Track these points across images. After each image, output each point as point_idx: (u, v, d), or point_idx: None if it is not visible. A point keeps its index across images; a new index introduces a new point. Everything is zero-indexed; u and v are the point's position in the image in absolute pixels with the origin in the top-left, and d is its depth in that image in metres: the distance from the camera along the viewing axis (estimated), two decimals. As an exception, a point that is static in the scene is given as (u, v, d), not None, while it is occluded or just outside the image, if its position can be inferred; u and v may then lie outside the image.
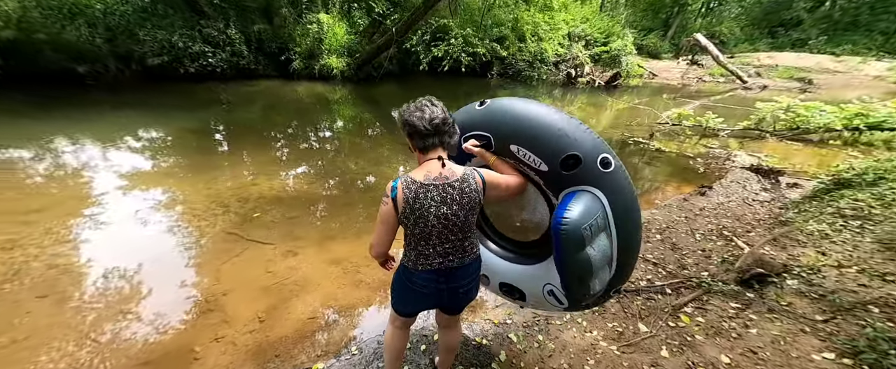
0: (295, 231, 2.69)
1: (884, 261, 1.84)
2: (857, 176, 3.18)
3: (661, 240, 2.80)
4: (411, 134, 1.03)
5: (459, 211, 1.02)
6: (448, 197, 1.01)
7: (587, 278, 0.99)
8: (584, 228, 0.92)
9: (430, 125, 0.98)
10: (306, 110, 6.95)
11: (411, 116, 1.01)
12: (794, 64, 15.23)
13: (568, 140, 0.99)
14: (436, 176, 1.01)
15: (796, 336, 1.52)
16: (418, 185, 1.00)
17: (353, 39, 9.17)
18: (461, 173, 1.03)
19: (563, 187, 1.03)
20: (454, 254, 1.10)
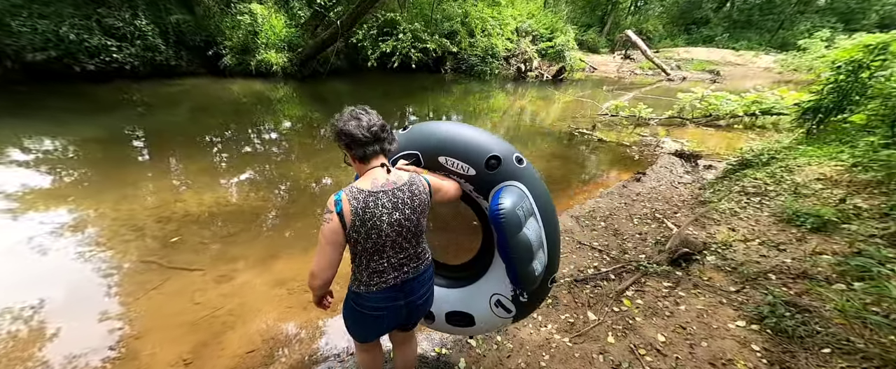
0: (230, 251, 2.40)
1: (778, 233, 2.16)
2: (755, 156, 3.71)
3: (606, 227, 3.02)
4: (349, 144, 0.96)
5: (412, 214, 1.01)
6: (399, 201, 0.98)
7: (530, 257, 1.08)
8: (518, 210, 1.04)
9: (368, 132, 0.94)
10: (244, 111, 6.28)
11: (347, 125, 0.95)
12: (705, 57, 17.46)
13: (487, 145, 1.13)
14: (383, 183, 0.97)
15: (716, 308, 1.71)
16: (367, 194, 0.94)
17: (293, 33, 8.47)
18: (407, 177, 1.02)
19: (491, 185, 1.13)
20: (409, 263, 1.07)
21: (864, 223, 1.95)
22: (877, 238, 1.77)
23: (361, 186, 0.96)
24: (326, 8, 8.64)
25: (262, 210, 3.03)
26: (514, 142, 4.92)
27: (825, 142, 3.44)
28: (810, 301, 1.55)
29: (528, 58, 12.55)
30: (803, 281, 1.70)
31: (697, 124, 6.82)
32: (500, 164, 1.10)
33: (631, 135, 6.24)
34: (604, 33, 20.47)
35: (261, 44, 7.78)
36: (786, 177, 2.89)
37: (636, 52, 16.22)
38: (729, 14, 22.94)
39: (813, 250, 1.87)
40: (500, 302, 1.25)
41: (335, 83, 9.01)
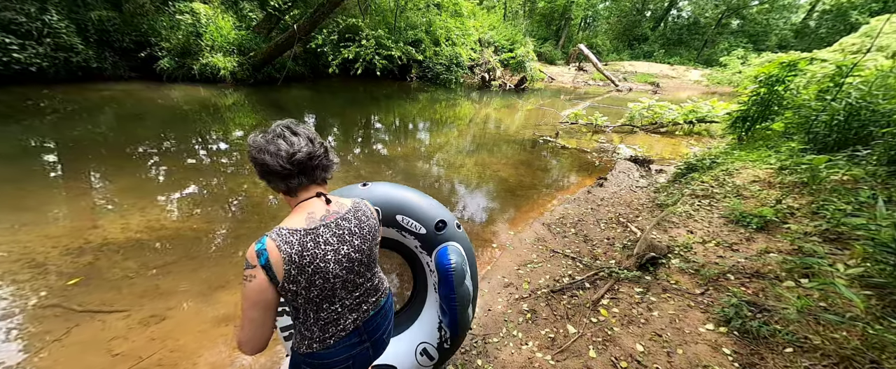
0: (162, 285, 2.03)
1: (729, 233, 2.32)
2: (699, 161, 4.06)
3: (576, 233, 3.07)
4: (264, 176, 0.79)
5: (363, 244, 0.88)
6: (345, 232, 0.85)
7: (469, 306, 1.26)
8: (462, 265, 1.23)
9: (289, 163, 0.76)
10: (185, 119, 5.62)
11: (261, 154, 0.76)
12: (646, 71, 19.34)
13: (437, 211, 1.33)
14: (323, 215, 0.82)
15: (686, 312, 1.76)
16: (302, 234, 0.77)
17: (244, 36, 7.86)
18: (350, 204, 0.90)
19: (435, 244, 1.30)
20: (367, 299, 0.92)
21: (799, 222, 2.16)
22: (812, 236, 1.96)
23: (294, 225, 0.78)
24: (281, 11, 8.15)
25: (206, 233, 2.65)
26: (482, 150, 4.91)
27: (755, 148, 3.86)
28: (767, 299, 1.65)
29: (491, 67, 12.92)
30: (758, 280, 1.81)
31: (646, 131, 7.42)
32: (445, 227, 1.30)
33: (590, 141, 6.59)
34: (559, 46, 21.84)
35: (205, 46, 7.10)
36: (727, 181, 3.17)
37: (588, 64, 17.49)
38: (664, 32, 25.73)
39: (761, 249, 2.02)
40: (425, 351, 1.38)
41: (294, 90, 8.49)
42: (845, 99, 2.95)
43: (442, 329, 1.35)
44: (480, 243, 3.00)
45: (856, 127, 2.92)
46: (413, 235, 1.29)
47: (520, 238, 3.02)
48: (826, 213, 2.08)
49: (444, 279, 1.21)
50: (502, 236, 3.11)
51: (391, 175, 4.35)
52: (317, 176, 0.82)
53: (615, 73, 17.20)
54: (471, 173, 4.68)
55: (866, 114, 2.88)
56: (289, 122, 0.82)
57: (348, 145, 5.51)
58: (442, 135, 6.66)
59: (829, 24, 21.65)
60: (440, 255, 1.24)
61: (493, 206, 3.76)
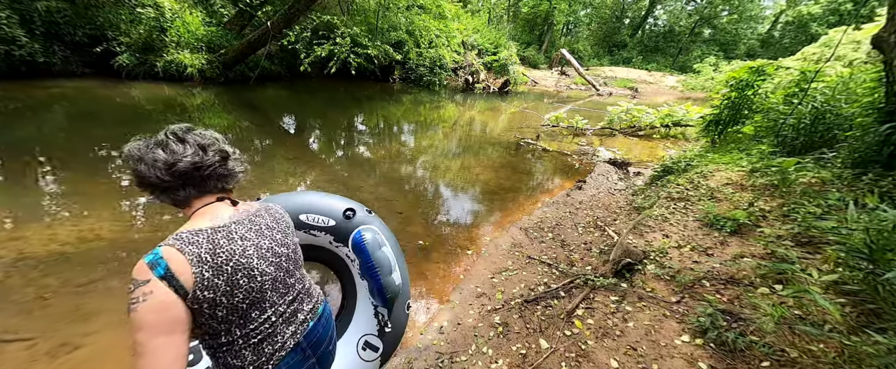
0: (84, 306, 1.78)
1: (703, 237, 2.28)
2: (675, 164, 4.09)
3: (553, 238, 2.99)
4: (142, 186, 0.69)
5: (285, 238, 0.81)
6: (263, 226, 0.77)
7: (390, 270, 1.22)
8: (377, 236, 1.25)
9: (168, 174, 0.66)
10: (148, 119, 5.23)
11: (137, 164, 0.66)
12: (625, 76, 19.89)
13: (342, 203, 1.33)
14: (231, 214, 0.74)
15: (661, 322, 1.68)
16: (210, 231, 0.67)
17: (214, 32, 7.47)
18: (258, 205, 0.83)
19: (348, 232, 1.29)
20: (302, 305, 0.80)
21: (772, 225, 2.14)
22: (785, 239, 1.93)
23: (198, 225, 0.68)
24: (254, 7, 7.82)
25: (150, 244, 2.38)
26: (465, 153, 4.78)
27: (727, 151, 3.91)
28: (742, 308, 1.59)
29: (475, 70, 12.92)
30: (733, 287, 1.75)
31: (625, 134, 7.53)
32: (355, 215, 1.30)
33: (570, 144, 6.61)
34: (542, 50, 22.18)
35: (170, 42, 6.68)
36: (702, 183, 3.17)
37: (570, 68, 17.81)
38: (641, 39, 26.64)
39: (735, 254, 1.98)
40: (367, 344, 1.34)
41: (270, 89, 8.14)
42: (811, 103, 3.01)
43: (378, 313, 1.34)
44: (456, 249, 2.86)
45: (821, 130, 2.99)
46: (323, 231, 1.28)
47: (496, 244, 2.91)
48: (797, 216, 2.07)
49: (360, 252, 1.23)
50: (479, 242, 2.99)
51: (372, 178, 4.17)
52: (209, 187, 0.71)
53: (596, 78, 17.59)
54: (453, 176, 4.55)
55: (830, 118, 2.94)
56: (179, 127, 0.71)
57: (329, 147, 5.27)
58: (425, 137, 6.51)
59: (792, 35, 23.01)
60: (354, 238, 1.25)
61: (472, 210, 3.64)
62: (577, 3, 24.42)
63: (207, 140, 0.74)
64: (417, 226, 3.16)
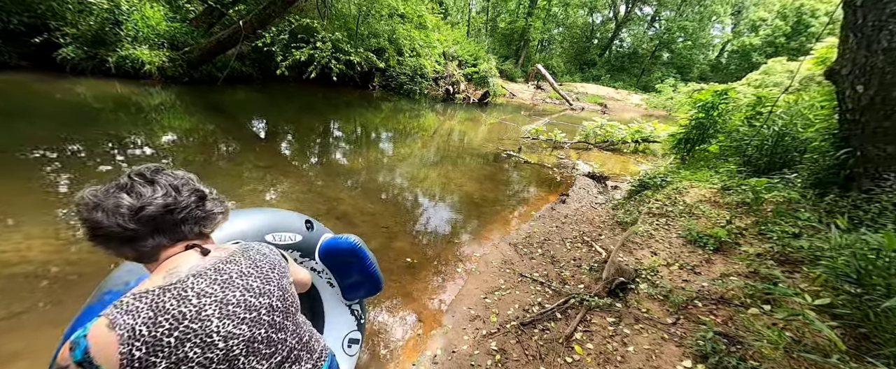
0: (4, 346, 1.45)
1: (689, 255, 2.35)
2: (651, 179, 4.28)
3: (542, 254, 2.96)
4: (97, 239, 0.56)
5: (264, 285, 0.65)
6: (233, 274, 0.63)
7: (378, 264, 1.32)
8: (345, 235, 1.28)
9: (133, 222, 0.56)
10: (93, 119, 4.64)
11: (93, 212, 0.55)
12: (596, 92, 21.07)
13: (296, 216, 1.28)
14: (193, 265, 0.60)
15: (661, 346, 1.66)
16: (156, 293, 0.54)
17: (178, 28, 6.93)
18: (235, 247, 0.69)
19: (313, 244, 1.27)
20: (297, 362, 0.67)
21: (750, 243, 2.24)
22: (765, 258, 2.02)
23: (149, 284, 0.56)
24: (224, 4, 7.37)
25: (92, 266, 2.04)
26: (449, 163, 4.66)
27: (697, 168, 4.16)
28: (737, 330, 1.61)
29: (455, 80, 13.04)
30: (725, 307, 1.78)
31: (599, 148, 7.86)
32: (313, 225, 1.29)
33: (550, 156, 6.77)
34: (519, 65, 22.98)
35: (126, 37, 6.08)
36: (679, 199, 3.31)
37: (545, 83, 18.55)
38: (609, 59, 28.47)
39: (721, 273, 2.03)
40: (351, 340, 1.42)
41: (241, 91, 7.64)
42: (772, 126, 3.27)
43: (354, 311, 1.43)
44: (446, 267, 2.74)
45: (780, 152, 3.25)
46: (289, 248, 1.22)
47: (486, 260, 2.83)
48: (773, 235, 2.18)
49: (358, 254, 1.24)
50: (469, 258, 2.89)
51: (351, 188, 3.95)
52: (183, 232, 0.59)
53: (569, 93, 18.44)
54: (437, 188, 4.44)
55: (788, 141, 3.21)
56: (146, 168, 0.61)
57: (304, 154, 4.97)
58: (407, 146, 6.37)
59: (737, 62, 25.66)
60: (326, 246, 1.25)
61: (459, 225, 3.54)
62: (550, 22, 25.71)
63: (180, 180, 0.62)
64: (403, 242, 3.01)
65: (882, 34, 2.11)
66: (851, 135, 2.29)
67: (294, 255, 1.23)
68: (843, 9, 2.31)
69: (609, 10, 27.89)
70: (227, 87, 7.56)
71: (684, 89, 19.20)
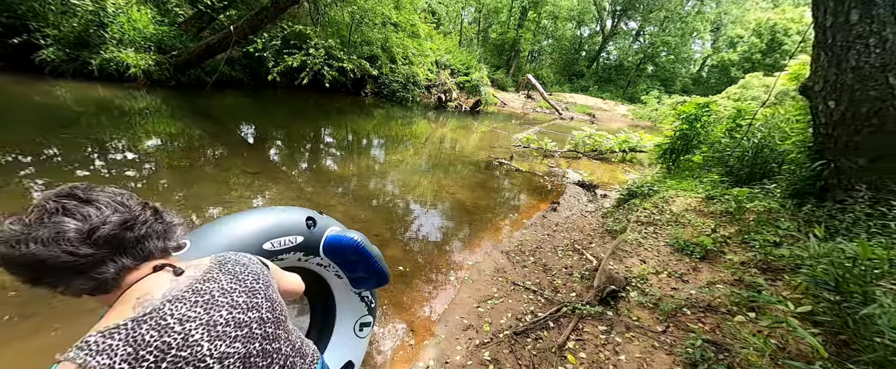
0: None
1: (677, 263, 2.40)
2: (639, 188, 4.38)
3: (534, 262, 2.97)
4: (40, 278, 0.50)
5: (252, 298, 0.63)
6: (215, 292, 0.59)
7: (383, 259, 1.33)
8: (355, 233, 1.27)
9: (89, 245, 0.50)
10: (73, 123, 4.48)
11: (25, 246, 0.47)
12: (584, 103, 21.60)
13: (297, 214, 1.22)
14: (167, 289, 0.55)
15: (652, 354, 1.68)
16: (130, 326, 0.48)
17: (166, 32, 6.81)
18: (209, 262, 0.65)
19: (316, 242, 1.23)
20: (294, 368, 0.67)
21: (734, 251, 2.31)
22: (748, 266, 2.08)
23: (117, 317, 0.50)
24: (215, 9, 7.30)
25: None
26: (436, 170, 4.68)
27: (682, 177, 4.28)
28: (725, 337, 1.64)
29: (448, 89, 13.18)
30: (712, 314, 1.82)
31: (589, 157, 8.02)
32: (316, 222, 1.24)
33: (541, 165, 6.86)
34: (510, 74, 23.41)
35: (111, 39, 5.94)
36: (666, 208, 3.40)
37: (536, 92, 18.93)
38: (596, 71, 29.32)
39: (708, 280, 2.08)
40: (362, 324, 1.47)
41: (230, 96, 7.52)
42: (752, 138, 3.41)
43: (364, 297, 1.45)
44: (438, 276, 2.72)
45: (760, 163, 3.38)
46: (291, 251, 1.17)
47: (479, 269, 2.82)
48: (755, 244, 2.25)
49: (360, 251, 1.22)
50: (461, 266, 2.88)
51: (343, 196, 3.90)
52: (148, 249, 0.55)
53: (559, 103, 18.84)
54: (429, 195, 4.43)
55: (767, 153, 3.35)
56: (72, 187, 0.53)
57: (295, 161, 4.90)
58: (400, 153, 6.37)
59: (717, 76, 26.80)
60: (330, 242, 1.22)
61: (452, 232, 3.53)
62: (540, 34, 26.40)
63: (121, 194, 0.56)
64: (395, 250, 2.98)
65: (850, 53, 2.24)
66: (825, 148, 2.41)
67: (297, 255, 1.20)
68: (815, 29, 2.45)
69: (596, 23, 28.84)
70: (215, 91, 7.44)
71: (668, 101, 19.91)
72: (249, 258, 0.71)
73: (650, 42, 27.38)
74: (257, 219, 1.12)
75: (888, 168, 2.14)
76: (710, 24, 27.09)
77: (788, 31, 22.72)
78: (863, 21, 2.20)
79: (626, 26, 28.92)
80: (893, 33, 2.13)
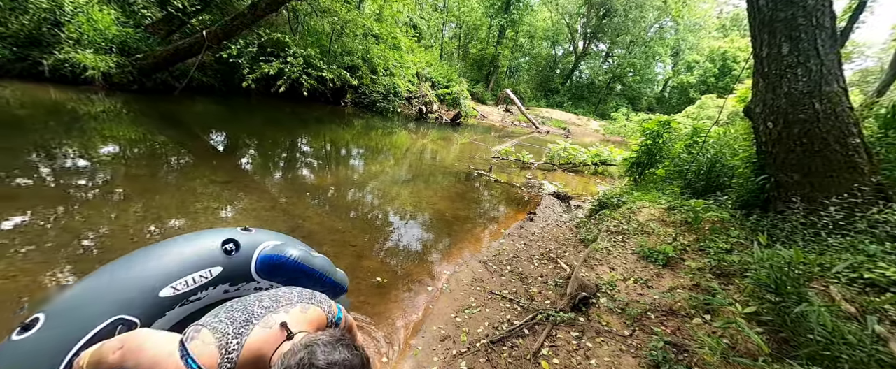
0: None
1: (642, 270, 2.54)
2: (609, 199, 4.61)
3: (511, 271, 3.03)
4: None
5: None
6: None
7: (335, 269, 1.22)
8: (295, 247, 1.14)
9: None
10: (15, 128, 4.09)
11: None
12: (560, 117, 22.59)
13: (213, 235, 1.05)
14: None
15: (620, 357, 1.76)
16: None
17: (130, 34, 6.48)
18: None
19: (246, 264, 1.06)
20: None
21: (692, 258, 2.48)
22: (705, 272, 2.24)
23: None
24: (187, 13, 7.06)
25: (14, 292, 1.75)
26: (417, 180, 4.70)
27: (648, 190, 4.57)
28: (684, 339, 1.75)
29: (428, 100, 13.36)
30: (673, 318, 1.94)
31: (563, 169, 8.35)
32: (239, 245, 1.06)
33: (519, 176, 7.06)
34: (489, 88, 24.13)
35: (67, 39, 5.57)
36: (633, 218, 3.60)
37: (514, 107, 19.59)
38: (570, 88, 30.87)
39: (670, 286, 2.22)
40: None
41: (200, 103, 7.20)
42: (706, 154, 3.73)
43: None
44: (417, 286, 2.70)
45: (714, 176, 3.69)
46: (210, 286, 0.97)
47: (457, 278, 2.83)
48: (710, 251, 2.44)
49: (293, 268, 1.06)
50: (439, 276, 2.88)
51: (319, 206, 3.81)
52: None
53: (536, 117, 19.58)
54: (408, 206, 4.42)
55: (719, 167, 3.66)
56: (325, 342, 0.62)
57: (268, 170, 4.74)
58: (379, 163, 6.33)
59: (677, 96, 29.04)
60: (263, 262, 1.05)
61: (430, 243, 3.54)
62: (518, 52, 27.57)
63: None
64: (373, 261, 2.94)
65: (783, 81, 2.55)
66: (766, 164, 2.68)
67: (222, 288, 1.01)
68: (754, 58, 2.77)
69: (569, 43, 30.56)
70: (184, 97, 7.10)
71: (635, 118, 21.25)
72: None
73: (618, 63, 29.33)
74: (144, 262, 0.89)
75: (817, 182, 2.42)
76: (670, 49, 29.48)
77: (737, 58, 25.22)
78: (791, 53, 2.51)
79: (596, 47, 30.85)
80: (816, 64, 2.45)
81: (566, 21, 28.42)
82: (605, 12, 26.33)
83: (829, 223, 2.13)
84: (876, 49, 26.23)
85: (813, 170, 2.42)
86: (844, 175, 2.33)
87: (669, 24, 28.32)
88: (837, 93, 2.40)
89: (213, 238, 1.04)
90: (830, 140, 2.36)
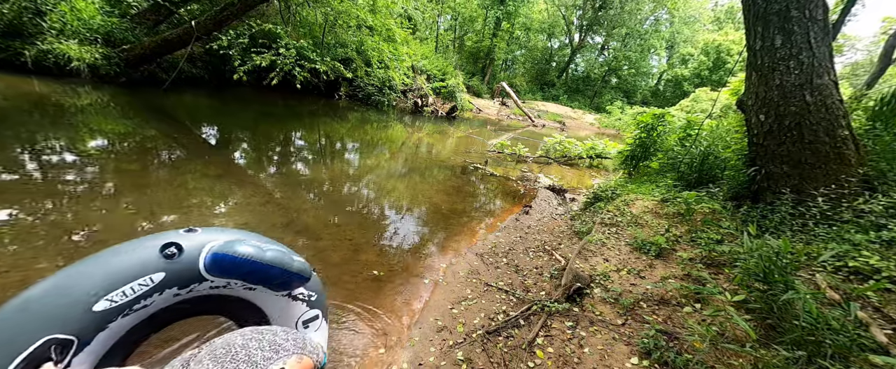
0: None
1: (635, 261, 2.59)
2: (603, 192, 4.66)
3: (507, 263, 3.06)
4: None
5: None
6: None
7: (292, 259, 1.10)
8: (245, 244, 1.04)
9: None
10: (1, 120, 3.98)
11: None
12: (555, 111, 22.60)
13: (151, 241, 0.99)
14: None
15: (612, 345, 1.80)
16: None
17: (116, 24, 6.29)
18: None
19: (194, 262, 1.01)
20: None
21: (684, 249, 2.53)
22: (696, 262, 2.29)
23: None
24: (174, 2, 6.86)
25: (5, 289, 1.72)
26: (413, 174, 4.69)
27: (642, 182, 4.62)
28: (675, 327, 1.79)
29: (424, 94, 13.25)
30: (665, 307, 1.98)
31: (558, 163, 8.39)
32: (181, 248, 1.00)
33: (514, 170, 7.08)
34: (485, 82, 23.99)
35: (49, 29, 5.39)
36: (627, 210, 3.64)
37: (510, 100, 19.53)
38: (566, 81, 30.83)
39: (662, 276, 2.26)
40: (305, 321, 1.29)
41: (189, 95, 7.05)
42: (699, 147, 3.77)
43: (298, 296, 1.26)
44: (413, 279, 2.72)
45: (706, 169, 3.74)
46: (154, 292, 0.93)
47: (454, 271, 2.86)
48: (701, 241, 2.48)
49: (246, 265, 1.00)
50: (436, 269, 2.90)
51: (315, 200, 3.79)
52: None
53: (531, 110, 19.56)
54: (405, 199, 4.42)
55: (712, 160, 3.71)
56: None
57: (262, 164, 4.68)
58: (373, 157, 6.29)
59: (671, 90, 29.20)
60: (212, 261, 0.99)
61: (427, 236, 3.55)
62: (513, 44, 27.36)
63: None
64: (370, 254, 2.94)
65: (775, 73, 2.57)
66: (757, 155, 2.72)
67: (171, 292, 0.97)
68: (747, 51, 2.78)
69: (565, 36, 30.40)
70: (172, 90, 6.95)
71: (630, 111, 21.38)
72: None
73: (614, 56, 29.30)
74: (75, 277, 0.85)
75: (806, 174, 2.46)
76: (665, 42, 29.51)
77: (731, 52, 25.34)
78: (784, 45, 2.53)
79: (592, 40, 30.73)
80: (808, 57, 2.47)
81: (562, 13, 28.20)
82: (601, 4, 26.17)
83: (817, 213, 2.18)
84: (866, 42, 26.59)
85: (802, 162, 2.46)
86: (833, 166, 2.38)
87: (665, 17, 28.29)
88: (828, 86, 2.43)
89: (150, 244, 0.99)
90: (820, 132, 2.40)
